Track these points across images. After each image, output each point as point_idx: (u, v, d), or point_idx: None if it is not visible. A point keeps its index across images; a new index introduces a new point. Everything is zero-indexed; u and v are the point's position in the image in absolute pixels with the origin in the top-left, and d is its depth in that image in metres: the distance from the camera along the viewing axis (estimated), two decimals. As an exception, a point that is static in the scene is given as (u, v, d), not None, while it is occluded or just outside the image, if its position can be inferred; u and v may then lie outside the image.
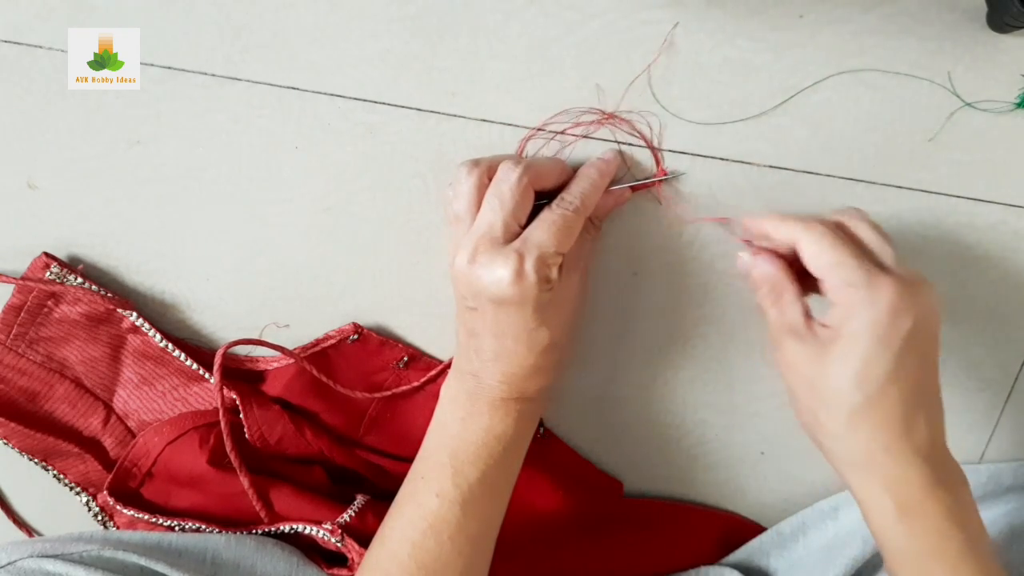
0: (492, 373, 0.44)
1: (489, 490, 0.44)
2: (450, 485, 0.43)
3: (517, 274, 0.40)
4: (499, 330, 0.43)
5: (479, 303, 0.42)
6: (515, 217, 0.42)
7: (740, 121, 0.46)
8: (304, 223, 0.50)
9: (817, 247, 0.39)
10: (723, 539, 0.57)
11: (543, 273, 0.41)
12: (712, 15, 0.44)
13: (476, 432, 0.44)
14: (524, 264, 0.40)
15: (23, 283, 0.50)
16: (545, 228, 0.41)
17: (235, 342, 0.51)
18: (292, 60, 0.46)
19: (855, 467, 0.40)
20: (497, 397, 0.44)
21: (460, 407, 0.45)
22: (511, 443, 0.45)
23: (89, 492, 0.54)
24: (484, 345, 0.43)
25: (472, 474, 0.44)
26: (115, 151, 0.49)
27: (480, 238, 0.41)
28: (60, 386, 0.53)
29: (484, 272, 0.41)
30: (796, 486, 0.56)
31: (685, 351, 0.52)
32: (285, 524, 0.50)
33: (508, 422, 0.44)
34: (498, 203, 0.42)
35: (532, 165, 0.43)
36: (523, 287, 0.41)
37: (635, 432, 0.55)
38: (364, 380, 0.53)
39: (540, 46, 0.45)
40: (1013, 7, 0.40)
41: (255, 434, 0.51)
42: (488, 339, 0.43)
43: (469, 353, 0.45)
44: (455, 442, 0.44)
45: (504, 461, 0.45)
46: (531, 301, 0.41)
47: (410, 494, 0.45)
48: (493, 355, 0.43)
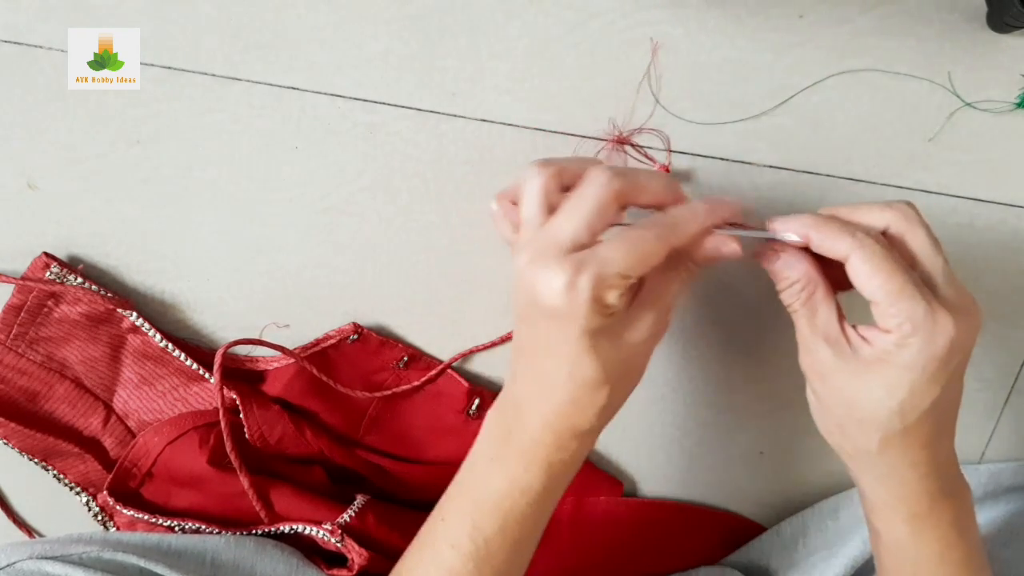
0: (530, 404, 0.39)
1: (509, 546, 0.40)
2: (466, 539, 0.40)
3: (570, 286, 0.35)
4: (541, 346, 0.38)
5: (530, 312, 0.38)
6: (590, 227, 0.36)
7: (740, 121, 0.46)
8: (304, 223, 0.50)
9: (870, 268, 0.35)
10: (723, 539, 0.57)
11: (600, 293, 0.35)
12: (712, 15, 0.44)
13: (501, 481, 0.40)
14: (579, 276, 0.35)
15: (23, 283, 0.50)
16: (617, 245, 0.36)
17: (235, 342, 0.51)
18: (292, 60, 0.46)
19: (874, 476, 0.39)
20: (528, 439, 0.39)
21: (492, 445, 0.41)
22: (537, 499, 0.40)
23: (89, 492, 0.54)
24: (525, 365, 0.39)
25: (490, 528, 0.40)
26: (115, 151, 0.49)
27: (546, 240, 0.36)
28: (60, 386, 0.53)
29: (538, 276, 0.36)
30: (796, 486, 0.56)
31: (686, 351, 0.52)
32: (285, 524, 0.50)
33: (537, 474, 0.40)
34: (576, 208, 0.37)
35: (630, 176, 0.37)
36: (574, 302, 0.35)
37: (635, 432, 0.55)
38: (364, 380, 0.53)
39: (540, 46, 0.45)
40: (1013, 7, 0.40)
41: (255, 434, 0.51)
42: (530, 357, 0.39)
43: (514, 375, 0.40)
44: (479, 488, 0.41)
45: (529, 517, 0.40)
46: (580, 320, 0.36)
47: (429, 535, 0.42)
48: (533, 378, 0.39)
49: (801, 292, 0.38)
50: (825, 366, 0.38)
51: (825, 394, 0.39)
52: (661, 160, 0.47)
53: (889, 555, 0.41)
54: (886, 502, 0.39)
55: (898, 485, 0.38)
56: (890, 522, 0.39)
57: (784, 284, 0.39)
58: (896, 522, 0.39)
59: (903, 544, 0.39)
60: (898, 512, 0.39)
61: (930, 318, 0.35)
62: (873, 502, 0.40)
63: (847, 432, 0.38)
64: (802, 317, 0.39)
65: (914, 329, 0.35)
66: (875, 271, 0.35)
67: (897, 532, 0.39)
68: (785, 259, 0.39)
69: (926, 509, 0.39)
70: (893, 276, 0.35)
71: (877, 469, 0.39)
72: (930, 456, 0.38)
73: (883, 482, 0.39)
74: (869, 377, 0.37)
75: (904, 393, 0.36)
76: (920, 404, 0.36)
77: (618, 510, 0.55)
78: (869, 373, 0.37)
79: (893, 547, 0.40)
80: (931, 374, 0.36)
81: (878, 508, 0.40)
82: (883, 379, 0.36)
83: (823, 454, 0.55)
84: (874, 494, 0.40)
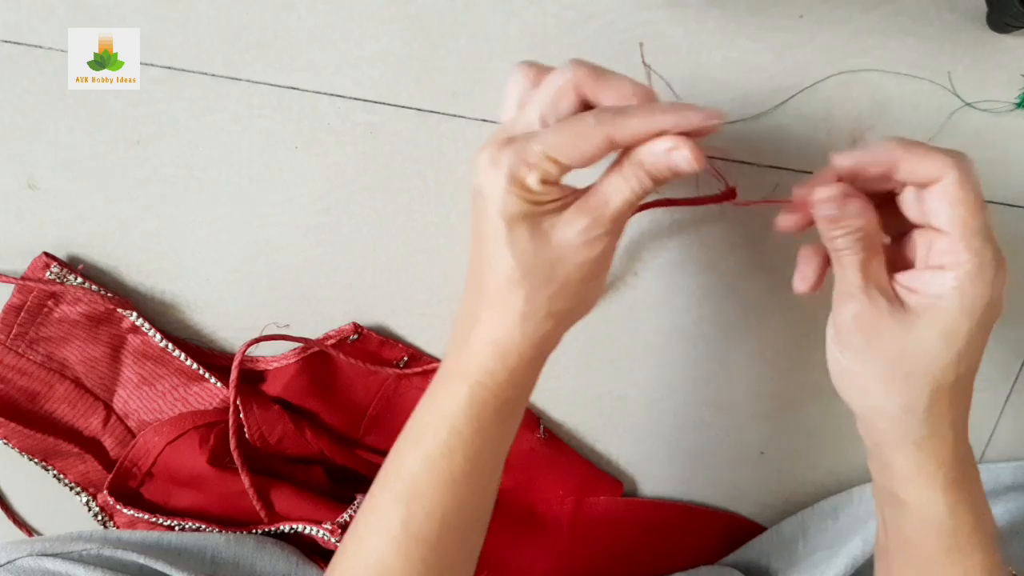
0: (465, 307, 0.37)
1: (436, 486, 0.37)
2: (394, 477, 0.37)
3: (492, 161, 0.33)
4: (475, 235, 0.36)
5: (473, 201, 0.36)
6: (540, 114, 0.34)
7: (740, 121, 0.46)
8: (304, 223, 0.50)
9: (962, 194, 0.33)
10: (723, 539, 0.57)
11: (518, 171, 0.33)
12: (712, 15, 0.44)
13: (429, 406, 0.38)
14: (502, 152, 0.33)
15: (23, 283, 0.50)
16: (552, 127, 0.34)
17: (256, 339, 0.50)
18: (292, 60, 0.46)
19: (913, 440, 0.37)
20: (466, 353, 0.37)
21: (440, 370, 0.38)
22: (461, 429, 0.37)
23: (89, 492, 0.54)
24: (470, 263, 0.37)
25: (415, 465, 0.37)
26: (115, 151, 0.49)
27: (499, 129, 0.35)
28: (60, 386, 0.53)
29: (476, 157, 0.35)
30: (796, 486, 0.56)
31: (685, 351, 0.52)
32: (285, 524, 0.50)
33: (462, 397, 0.37)
34: (532, 98, 0.35)
35: (595, 69, 0.35)
36: (492, 177, 0.33)
37: (635, 432, 0.55)
38: (364, 380, 0.53)
39: (540, 46, 0.45)
40: (1013, 7, 0.40)
41: (255, 434, 0.51)
42: (472, 252, 0.37)
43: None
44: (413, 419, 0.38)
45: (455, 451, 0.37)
46: (498, 200, 0.34)
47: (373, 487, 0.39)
48: (470, 275, 0.37)
49: (863, 237, 0.35)
50: (878, 317, 0.35)
51: (871, 348, 0.36)
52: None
53: (920, 531, 0.38)
54: (923, 468, 0.37)
55: (938, 447, 0.36)
56: (927, 492, 0.37)
57: (844, 228, 0.35)
58: (935, 491, 0.37)
59: (939, 515, 0.37)
60: (936, 480, 0.36)
61: (994, 263, 0.34)
62: (908, 472, 0.37)
63: (892, 389, 0.36)
64: (853, 265, 0.36)
65: (979, 270, 0.34)
66: (964, 199, 0.33)
67: (934, 503, 0.37)
68: (853, 200, 0.35)
69: (962, 475, 0.37)
70: (977, 211, 0.33)
71: (918, 431, 0.36)
72: (965, 416, 0.37)
73: (922, 446, 0.36)
74: (923, 326, 0.35)
75: (962, 342, 0.34)
76: (975, 354, 0.35)
77: (618, 510, 0.55)
78: (923, 322, 0.35)
79: (927, 520, 0.37)
80: (987, 323, 0.34)
81: (913, 478, 0.37)
82: (939, 327, 0.34)
83: (823, 454, 0.55)
84: (910, 461, 0.37)
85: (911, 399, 0.36)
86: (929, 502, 0.37)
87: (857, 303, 0.36)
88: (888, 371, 0.36)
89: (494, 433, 0.38)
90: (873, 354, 0.36)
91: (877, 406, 0.37)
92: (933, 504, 0.37)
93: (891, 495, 0.38)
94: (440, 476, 0.37)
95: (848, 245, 0.35)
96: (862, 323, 0.36)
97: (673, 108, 0.34)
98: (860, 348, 0.36)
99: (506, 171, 0.33)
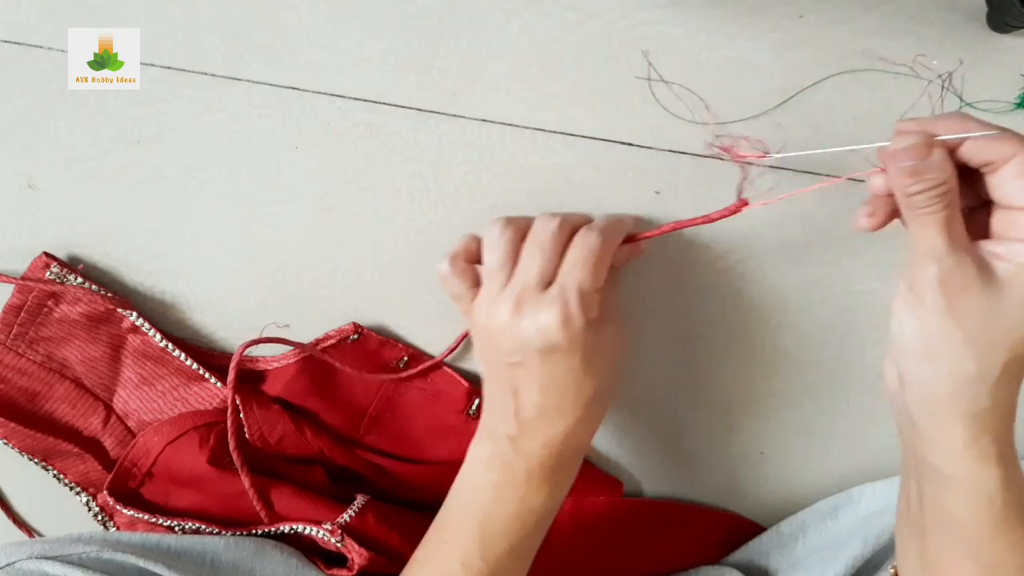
0: (534, 436, 0.42)
1: (517, 560, 0.44)
2: (477, 556, 0.42)
3: (564, 318, 0.40)
4: (546, 383, 0.41)
5: (525, 356, 0.41)
6: (554, 264, 0.41)
7: (740, 121, 0.46)
8: (304, 223, 0.50)
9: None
10: (723, 539, 0.57)
11: (588, 312, 0.40)
12: (712, 15, 0.44)
13: (510, 503, 0.43)
14: (569, 306, 0.40)
15: (23, 283, 0.50)
16: (578, 265, 0.41)
17: (252, 341, 0.50)
18: (292, 60, 0.46)
19: (973, 412, 0.36)
20: (535, 465, 0.42)
21: (495, 472, 0.43)
22: (545, 515, 0.44)
23: (89, 492, 0.54)
24: (528, 403, 0.42)
25: (502, 546, 0.43)
26: (115, 151, 0.49)
27: (523, 288, 0.41)
28: (60, 386, 0.53)
29: (530, 322, 0.40)
30: (796, 486, 0.56)
31: (685, 351, 0.52)
32: (285, 524, 0.50)
33: (545, 493, 0.43)
34: (538, 251, 0.41)
35: (569, 217, 0.43)
36: (571, 330, 0.40)
37: (635, 432, 0.55)
38: (364, 380, 0.53)
39: (540, 46, 0.45)
40: (1013, 7, 0.40)
41: (255, 434, 0.51)
42: (533, 395, 0.42)
43: (507, 414, 0.43)
44: (487, 510, 0.43)
45: (536, 532, 0.44)
46: (579, 345, 0.40)
47: (431, 556, 0.44)
48: (537, 412, 0.42)
49: (947, 192, 0.35)
50: (965, 279, 0.35)
51: (953, 311, 0.35)
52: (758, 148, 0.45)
53: (968, 507, 0.37)
54: (977, 441, 0.36)
55: (996, 420, 0.36)
56: (978, 466, 0.36)
57: (926, 182, 0.35)
58: (987, 465, 0.36)
59: (990, 490, 0.37)
60: (989, 454, 0.36)
61: None
62: (960, 445, 0.37)
63: (967, 354, 0.35)
64: (935, 224, 0.35)
65: None
66: None
67: (985, 477, 0.36)
68: (937, 151, 0.35)
69: (1011, 451, 0.37)
70: None
71: (982, 401, 0.36)
72: (1018, 390, 0.36)
73: (982, 417, 0.36)
74: (1011, 293, 0.35)
75: None
76: None
77: (618, 510, 0.55)
78: (1011, 289, 0.35)
79: (976, 495, 0.37)
80: None
81: (967, 450, 0.36)
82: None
83: (823, 454, 0.55)
84: (965, 433, 0.36)
85: (985, 367, 0.35)
86: (980, 476, 0.36)
87: (941, 264, 0.35)
88: (968, 335, 0.35)
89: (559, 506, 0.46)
90: (954, 317, 0.35)
91: (946, 372, 0.36)
92: (984, 478, 0.36)
93: (933, 470, 0.38)
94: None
95: (929, 201, 0.35)
96: (947, 284, 0.35)
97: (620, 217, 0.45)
98: (940, 310, 0.35)
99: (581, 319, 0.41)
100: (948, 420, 0.36)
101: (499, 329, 0.41)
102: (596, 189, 0.48)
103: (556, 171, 0.48)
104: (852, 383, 0.53)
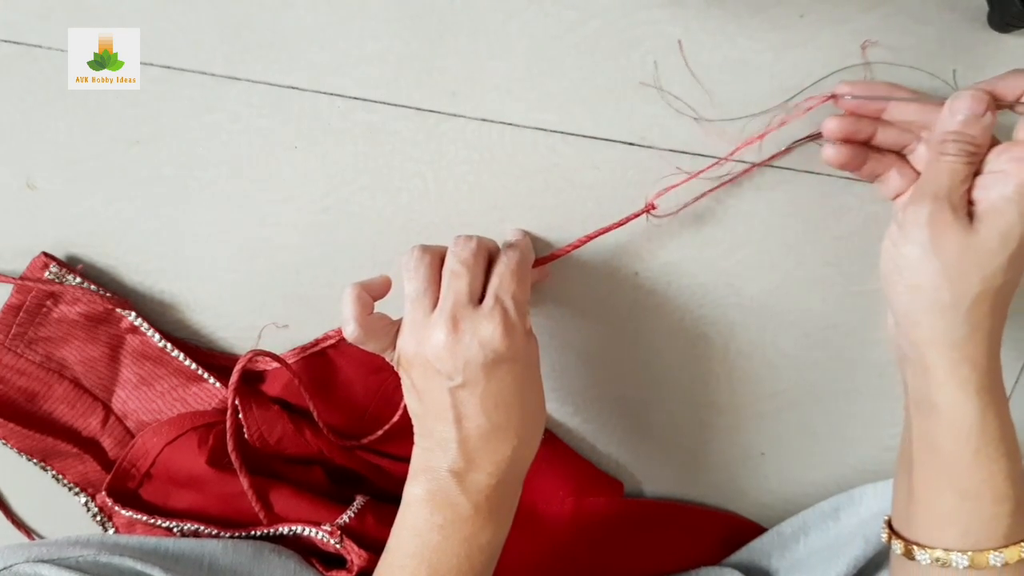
0: (481, 465, 0.41)
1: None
2: None
3: (506, 327, 0.40)
4: (491, 401, 0.41)
5: (468, 374, 0.40)
6: (480, 281, 0.42)
7: (740, 120, 0.46)
8: (304, 223, 0.50)
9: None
10: (724, 539, 0.57)
11: (526, 321, 0.41)
12: (712, 15, 0.44)
13: (458, 543, 0.41)
14: (509, 315, 0.40)
15: (22, 283, 0.50)
16: (507, 276, 0.42)
17: (255, 352, 0.50)
18: (292, 60, 0.46)
19: (952, 340, 0.39)
20: (482, 499, 0.41)
21: (438, 513, 0.41)
22: (493, 551, 0.42)
23: (88, 492, 0.54)
24: (474, 426, 0.41)
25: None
26: (115, 151, 0.49)
27: (454, 306, 0.41)
28: (59, 386, 0.53)
29: (470, 337, 0.40)
30: (797, 487, 0.56)
31: (685, 351, 0.52)
32: (284, 525, 0.50)
33: (491, 529, 0.42)
34: (464, 269, 0.42)
35: (483, 239, 0.44)
36: (513, 338, 0.40)
37: (635, 432, 0.55)
38: (364, 380, 0.53)
39: (540, 46, 0.45)
40: (1013, 7, 0.40)
41: (255, 434, 0.51)
42: (479, 417, 0.41)
43: (449, 447, 0.41)
44: (436, 554, 0.41)
45: (487, 569, 0.42)
46: (521, 355, 0.41)
47: None
48: (483, 436, 0.41)
49: (977, 153, 0.39)
50: (951, 219, 0.38)
51: (934, 245, 0.39)
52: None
53: (950, 435, 0.40)
54: (958, 369, 0.39)
55: (973, 351, 0.39)
56: (959, 394, 0.39)
57: (968, 137, 0.39)
58: (967, 393, 0.39)
59: (970, 418, 0.39)
60: (969, 382, 0.39)
61: None
62: (943, 373, 0.40)
63: (943, 285, 0.39)
64: (951, 173, 0.39)
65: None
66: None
67: (965, 405, 0.39)
68: (988, 119, 0.39)
69: (993, 385, 0.39)
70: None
71: (958, 330, 0.39)
72: (999, 333, 0.39)
73: (959, 346, 0.39)
74: (984, 228, 0.38)
75: (1014, 245, 0.38)
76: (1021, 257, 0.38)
77: (619, 510, 0.55)
78: (984, 225, 0.38)
79: (957, 422, 0.39)
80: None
81: (949, 379, 0.39)
82: (999, 228, 0.38)
83: (823, 454, 0.55)
84: (946, 361, 0.39)
85: (959, 295, 0.38)
86: (961, 404, 0.39)
87: (936, 206, 0.39)
88: (944, 267, 0.38)
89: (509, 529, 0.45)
90: (935, 251, 0.39)
91: (924, 302, 0.39)
92: (964, 406, 0.39)
93: (924, 401, 0.40)
94: None
95: (959, 152, 0.39)
96: (934, 223, 0.39)
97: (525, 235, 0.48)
98: (923, 243, 0.39)
99: (521, 326, 0.42)
100: (931, 349, 0.40)
101: (436, 353, 0.40)
102: (596, 189, 0.48)
103: (556, 171, 0.48)
104: (853, 383, 0.53)
